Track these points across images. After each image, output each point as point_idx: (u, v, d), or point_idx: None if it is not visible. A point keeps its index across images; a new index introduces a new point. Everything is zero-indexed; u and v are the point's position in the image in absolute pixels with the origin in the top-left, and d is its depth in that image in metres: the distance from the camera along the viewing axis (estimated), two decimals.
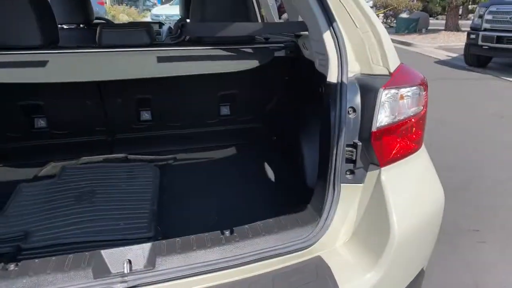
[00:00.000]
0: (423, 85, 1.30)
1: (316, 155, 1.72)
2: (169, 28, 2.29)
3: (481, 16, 7.54)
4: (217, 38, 1.79)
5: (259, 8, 2.98)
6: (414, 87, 1.26)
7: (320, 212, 1.26)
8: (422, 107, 1.30)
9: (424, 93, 1.30)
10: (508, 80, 6.84)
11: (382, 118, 1.20)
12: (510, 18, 6.92)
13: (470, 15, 17.89)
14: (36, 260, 1.06)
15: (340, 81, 1.22)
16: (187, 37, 1.83)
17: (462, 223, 2.49)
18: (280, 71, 2.10)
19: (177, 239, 1.18)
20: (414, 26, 14.53)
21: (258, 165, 2.00)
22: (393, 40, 1.31)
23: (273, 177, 1.89)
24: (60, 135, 2.05)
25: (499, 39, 7.06)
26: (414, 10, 16.77)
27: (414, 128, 1.29)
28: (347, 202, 1.26)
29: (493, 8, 7.33)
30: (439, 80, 6.95)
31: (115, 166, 1.81)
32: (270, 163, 1.99)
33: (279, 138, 2.12)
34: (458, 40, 11.92)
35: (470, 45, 7.73)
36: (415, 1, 18.05)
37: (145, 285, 1.02)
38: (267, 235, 1.20)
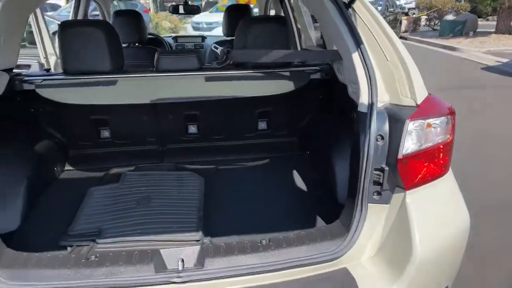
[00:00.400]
0: (451, 114, 1.40)
1: (346, 173, 1.86)
2: (211, 50, 2.51)
3: None
4: (256, 63, 2.00)
5: (296, 24, 3.14)
6: (442, 117, 1.36)
7: (348, 227, 1.40)
8: (449, 135, 1.39)
9: (451, 122, 1.40)
10: None
11: (409, 145, 1.31)
12: None
13: None
14: (110, 253, 1.29)
15: (370, 111, 1.35)
16: (231, 62, 2.03)
17: None
18: (315, 91, 2.26)
19: (222, 244, 1.37)
20: (460, 29, 13.89)
21: (291, 177, 2.15)
22: (436, 45, 1.41)
23: (305, 189, 2.03)
24: (120, 144, 2.34)
25: None
26: (461, 11, 16.02)
27: (441, 154, 1.39)
28: (374, 221, 1.38)
29: None
30: (486, 88, 6.69)
31: (166, 174, 2.05)
32: (303, 176, 2.14)
33: (312, 153, 2.27)
34: (510, 44, 11.30)
35: None
36: (462, 2, 17.27)
37: (195, 281, 1.22)
38: (299, 245, 1.36)
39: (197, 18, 12.11)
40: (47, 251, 1.43)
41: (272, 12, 3.79)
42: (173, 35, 4.92)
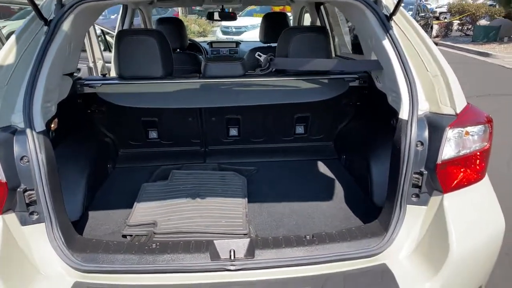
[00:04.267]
0: (488, 122, 1.47)
1: (383, 176, 1.95)
2: (252, 56, 2.66)
3: None
4: (297, 70, 2.12)
5: (332, 31, 3.25)
6: (479, 126, 1.44)
7: (387, 227, 1.50)
8: (486, 143, 1.47)
9: (488, 130, 1.47)
10: None
11: (447, 152, 1.40)
12: None
13: None
14: (170, 243, 1.45)
15: (411, 119, 1.44)
16: (274, 69, 2.17)
17: None
18: (352, 98, 2.36)
19: (270, 237, 1.50)
20: (494, 34, 13.50)
21: (328, 179, 2.26)
22: (469, 51, 1.48)
23: (342, 190, 2.13)
24: (166, 144, 2.53)
25: None
26: (495, 16, 15.53)
27: (478, 161, 1.47)
28: (411, 221, 1.48)
29: None
30: None
31: (210, 173, 2.21)
32: (339, 178, 2.24)
33: (348, 157, 2.37)
34: None
35: None
36: (496, 6, 16.72)
37: (247, 270, 1.35)
38: (341, 241, 1.47)
39: (226, 22, 12.33)
40: (110, 239, 1.60)
41: (306, 19, 3.91)
42: (208, 40, 5.11)
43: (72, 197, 1.83)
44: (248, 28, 12.03)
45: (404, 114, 1.49)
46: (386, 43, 1.65)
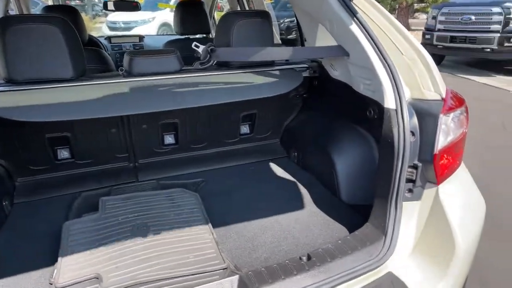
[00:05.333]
0: (465, 104, 1.43)
1: (349, 172, 1.81)
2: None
3: (434, 17, 8.13)
4: (242, 62, 1.84)
5: None
6: (462, 109, 1.39)
7: (384, 229, 1.35)
8: (466, 126, 1.42)
9: (465, 113, 1.43)
10: (461, 77, 7.45)
11: (441, 140, 1.31)
12: (461, 19, 7.53)
13: (416, 14, 19.10)
14: None
15: (400, 108, 1.30)
16: (215, 62, 1.83)
17: None
18: (301, 90, 2.17)
19: (262, 268, 1.21)
20: None
21: (286, 180, 2.04)
22: None
23: (305, 191, 1.94)
24: (83, 164, 1.97)
25: (452, 39, 7.68)
26: None
27: (460, 147, 1.42)
28: (408, 219, 1.35)
29: (445, 10, 7.93)
30: None
31: (153, 194, 1.77)
32: (296, 177, 2.04)
33: (301, 153, 2.19)
34: None
35: (426, 44, 8.26)
36: None
37: None
38: (343, 256, 1.27)
39: (112, 17, 11.10)
40: None
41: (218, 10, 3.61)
42: (105, 35, 4.39)
43: None
44: (139, 23, 11.01)
45: (389, 102, 1.35)
46: (354, 27, 1.49)
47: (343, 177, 1.81)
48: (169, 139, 2.10)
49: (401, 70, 1.40)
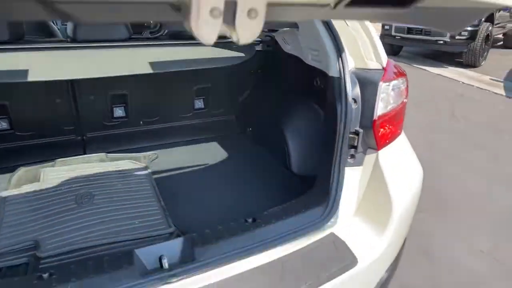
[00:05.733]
0: (405, 76, 1.51)
1: (299, 144, 1.86)
2: None
3: None
4: None
5: None
6: (401, 79, 1.45)
7: (327, 194, 1.40)
8: (405, 96, 1.50)
9: (406, 83, 1.50)
10: (417, 67, 7.80)
11: (381, 106, 1.37)
12: None
13: None
14: (71, 266, 1.01)
15: (343, 75, 1.35)
16: (166, 31, 1.79)
17: None
18: (253, 65, 2.18)
19: (207, 230, 1.22)
20: None
21: (239, 155, 2.06)
22: None
23: (258, 165, 1.97)
24: (25, 136, 1.87)
25: (409, 30, 7.99)
26: None
27: (400, 115, 1.50)
28: (350, 183, 1.41)
29: None
30: None
31: (100, 165, 1.72)
32: (250, 152, 2.07)
33: (256, 129, 2.21)
34: None
35: (385, 35, 8.58)
36: None
37: (193, 276, 1.05)
38: (287, 218, 1.30)
39: None
40: None
41: None
42: None
43: None
44: None
45: (333, 71, 1.39)
46: None
47: (294, 150, 1.85)
48: (119, 111, 2.03)
49: (346, 41, 1.45)
